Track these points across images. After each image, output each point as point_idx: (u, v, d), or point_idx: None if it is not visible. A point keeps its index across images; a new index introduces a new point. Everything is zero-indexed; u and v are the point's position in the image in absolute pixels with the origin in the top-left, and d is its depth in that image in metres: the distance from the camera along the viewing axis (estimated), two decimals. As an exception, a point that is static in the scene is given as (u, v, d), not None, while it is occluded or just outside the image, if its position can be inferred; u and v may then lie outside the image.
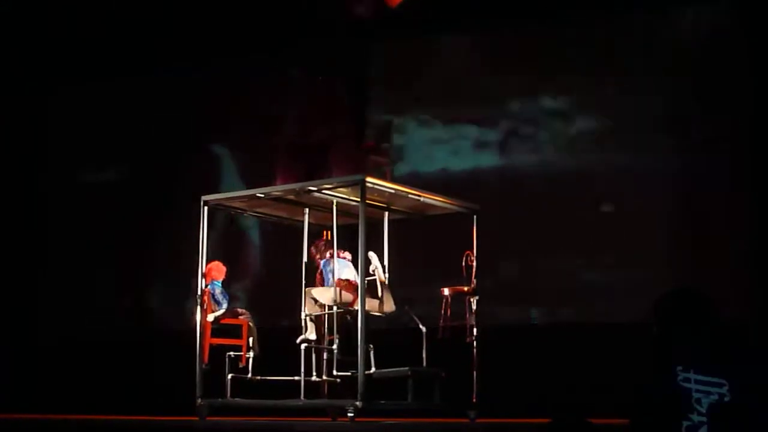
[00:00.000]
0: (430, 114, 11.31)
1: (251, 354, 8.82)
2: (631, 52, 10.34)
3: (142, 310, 12.41)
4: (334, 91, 8.84)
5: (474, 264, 8.62)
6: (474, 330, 8.56)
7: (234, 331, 8.99)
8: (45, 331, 12.63)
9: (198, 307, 8.65)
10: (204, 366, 8.54)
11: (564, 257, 10.33)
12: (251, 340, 8.91)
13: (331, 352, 8.33)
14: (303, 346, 8.39)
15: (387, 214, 9.03)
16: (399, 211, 9.08)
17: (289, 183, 8.92)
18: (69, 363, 11.99)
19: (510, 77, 10.83)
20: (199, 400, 8.40)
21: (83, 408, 9.91)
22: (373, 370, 8.23)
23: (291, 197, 8.65)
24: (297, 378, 8.30)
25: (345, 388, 8.31)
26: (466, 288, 8.62)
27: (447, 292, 8.66)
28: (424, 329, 8.57)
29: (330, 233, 8.55)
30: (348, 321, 8.35)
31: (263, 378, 8.71)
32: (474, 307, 8.59)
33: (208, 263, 8.82)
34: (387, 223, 9.07)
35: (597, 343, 9.34)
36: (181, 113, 12.30)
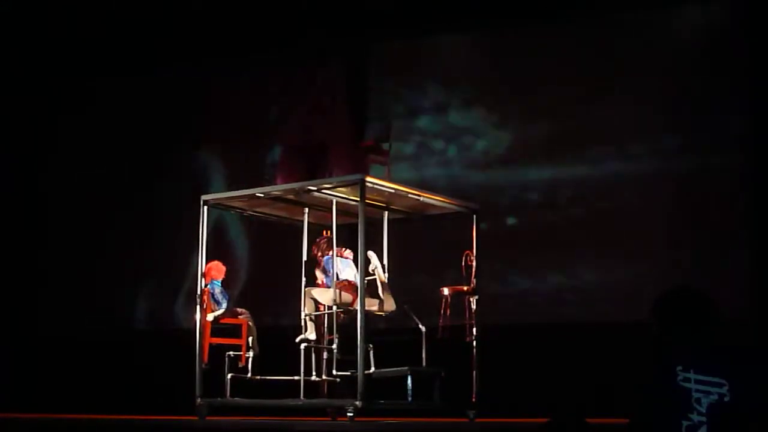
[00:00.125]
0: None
1: (251, 353, 8.82)
2: (631, 52, 10.33)
3: (141, 309, 12.40)
4: (334, 91, 8.82)
5: (473, 264, 8.61)
6: (473, 330, 8.56)
7: (234, 331, 8.99)
8: (44, 331, 12.62)
9: (198, 307, 8.65)
10: (204, 365, 8.53)
11: (564, 257, 10.33)
12: (251, 339, 8.91)
13: (331, 351, 8.33)
14: (302, 345, 8.39)
15: (387, 213, 9.03)
16: (398, 211, 9.08)
17: (289, 182, 8.91)
18: (68, 362, 11.98)
19: (510, 77, 10.84)
20: (199, 399, 8.39)
21: (83, 408, 9.90)
22: (373, 369, 8.23)
23: (291, 197, 8.65)
24: (297, 378, 8.30)
25: (345, 387, 8.31)
26: (465, 288, 8.62)
27: (447, 291, 8.65)
28: (423, 329, 8.57)
29: (330, 232, 8.54)
30: (346, 322, 8.34)
31: (263, 378, 8.70)
32: (474, 307, 8.58)
33: (207, 263, 8.82)
34: (387, 223, 9.07)
35: (597, 343, 9.33)
36: (181, 112, 12.30)
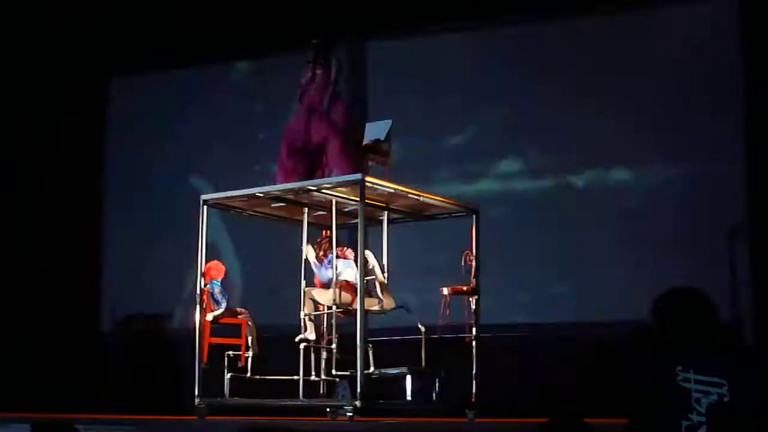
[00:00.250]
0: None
1: (250, 353, 8.81)
2: (630, 52, 10.33)
3: (141, 309, 12.39)
4: (334, 90, 8.80)
5: (473, 263, 8.61)
6: (473, 329, 8.55)
7: (233, 331, 8.99)
8: (44, 331, 12.61)
9: (197, 307, 8.65)
10: (203, 365, 8.53)
11: (564, 257, 10.33)
12: (250, 339, 8.90)
13: (330, 351, 8.32)
14: (302, 345, 8.39)
15: (386, 213, 9.03)
16: (398, 211, 9.07)
17: (289, 182, 8.90)
18: (68, 362, 11.97)
19: (510, 78, 10.84)
20: (198, 399, 8.39)
21: (83, 408, 9.90)
22: (372, 369, 8.22)
23: (290, 197, 8.64)
24: (296, 377, 8.30)
25: (344, 387, 8.30)
26: (465, 287, 8.62)
27: (446, 291, 8.65)
28: (423, 329, 8.56)
29: (330, 232, 8.54)
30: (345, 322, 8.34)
31: (262, 377, 8.70)
32: (473, 307, 8.58)
33: (207, 263, 8.82)
34: (386, 223, 9.06)
35: (596, 343, 9.33)
36: (181, 112, 12.29)
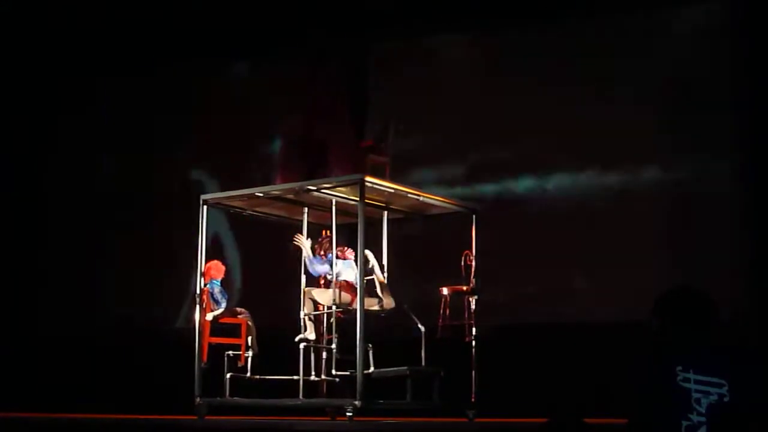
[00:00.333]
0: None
1: (250, 353, 8.81)
2: (630, 52, 10.33)
3: (141, 309, 12.39)
4: (334, 90, 8.82)
5: (473, 263, 8.61)
6: (473, 329, 8.55)
7: (233, 330, 8.99)
8: (44, 331, 12.61)
9: (197, 306, 8.65)
10: (203, 365, 8.53)
11: (565, 257, 10.33)
12: (250, 339, 8.90)
13: (330, 351, 8.33)
14: (302, 345, 8.39)
15: (386, 213, 9.03)
16: (398, 211, 9.07)
17: (289, 182, 8.91)
18: (68, 362, 11.97)
19: (511, 77, 10.84)
20: (198, 399, 8.39)
21: (83, 408, 9.89)
22: (372, 369, 8.22)
23: (290, 196, 8.64)
24: (296, 377, 8.30)
25: (344, 387, 8.30)
26: (465, 287, 8.62)
27: (446, 291, 8.65)
28: (423, 329, 8.56)
29: (330, 232, 8.54)
30: (345, 322, 8.33)
31: (262, 377, 8.70)
32: (473, 307, 8.58)
33: (206, 262, 8.82)
34: (386, 223, 9.06)
35: (597, 343, 9.32)
36: (181, 112, 12.29)
